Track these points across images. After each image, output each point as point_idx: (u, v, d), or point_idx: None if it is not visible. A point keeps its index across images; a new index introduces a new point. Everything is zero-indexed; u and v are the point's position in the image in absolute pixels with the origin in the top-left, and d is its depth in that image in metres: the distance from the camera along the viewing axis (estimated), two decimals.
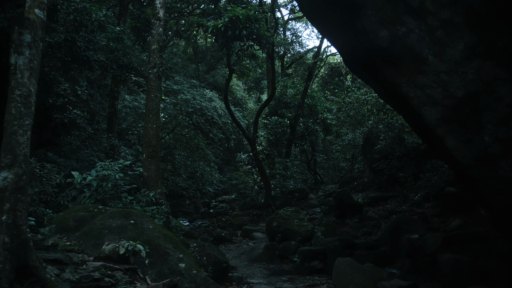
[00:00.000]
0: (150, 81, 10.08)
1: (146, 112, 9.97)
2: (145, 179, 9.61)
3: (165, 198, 9.76)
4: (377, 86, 9.74)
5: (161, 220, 8.59)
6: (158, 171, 9.73)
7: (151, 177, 9.58)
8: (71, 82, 16.63)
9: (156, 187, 9.58)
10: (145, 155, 9.67)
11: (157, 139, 9.78)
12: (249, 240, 11.29)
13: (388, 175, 15.01)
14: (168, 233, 7.03)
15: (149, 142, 9.72)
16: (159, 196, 9.56)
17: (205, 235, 10.92)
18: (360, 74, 10.08)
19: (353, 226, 10.89)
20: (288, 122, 16.74)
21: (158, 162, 9.76)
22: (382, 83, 9.43)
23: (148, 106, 9.96)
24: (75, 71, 16.31)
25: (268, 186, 13.63)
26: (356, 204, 11.56)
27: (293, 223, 9.82)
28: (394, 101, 9.55)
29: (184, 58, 31.91)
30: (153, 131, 9.76)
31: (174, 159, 21.07)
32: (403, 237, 9.35)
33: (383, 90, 9.49)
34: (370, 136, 16.47)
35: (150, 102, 9.95)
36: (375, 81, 9.52)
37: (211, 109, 18.60)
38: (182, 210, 19.28)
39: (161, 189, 9.62)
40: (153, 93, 9.97)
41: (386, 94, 9.54)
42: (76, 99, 16.30)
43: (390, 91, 9.25)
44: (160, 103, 10.14)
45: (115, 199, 8.73)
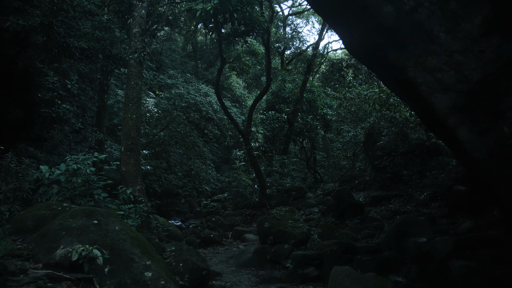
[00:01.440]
0: (131, 67, 9.05)
1: (125, 101, 8.94)
2: (123, 174, 8.57)
3: (146, 196, 8.72)
4: (381, 72, 8.66)
5: (136, 220, 7.54)
6: (138, 165, 8.69)
7: (130, 173, 8.54)
8: (61, 75, 15.66)
9: (135, 183, 8.54)
10: (123, 148, 8.63)
11: (137, 130, 8.74)
12: (240, 242, 10.23)
13: (391, 173, 13.91)
14: (138, 235, 5.98)
15: (128, 134, 8.68)
16: (138, 193, 8.51)
17: (192, 236, 9.87)
18: (363, 60, 9.00)
19: (353, 227, 9.81)
20: (285, 117, 15.66)
21: (138, 156, 8.72)
22: (386, 68, 8.35)
23: (128, 94, 8.93)
24: (65, 64, 15.40)
25: (263, 184, 12.57)
26: (357, 203, 10.48)
27: (286, 224, 8.75)
28: (400, 88, 8.46)
29: (183, 55, 30.94)
30: (133, 122, 8.73)
31: (169, 157, 20.10)
32: (409, 240, 8.31)
33: (388, 76, 8.41)
34: (372, 132, 15.37)
35: (130, 90, 8.92)
36: (379, 67, 8.45)
37: (206, 104, 17.58)
38: (175, 209, 18.29)
39: (141, 185, 8.57)
40: (133, 80, 8.94)
41: (392, 81, 8.46)
42: (66, 93, 15.33)
43: (395, 77, 8.17)
44: (141, 92, 9.11)
45: (87, 196, 7.70)
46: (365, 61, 8.85)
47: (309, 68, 16.88)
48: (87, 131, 13.44)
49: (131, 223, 7.20)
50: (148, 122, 19.02)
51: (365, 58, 8.74)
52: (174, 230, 10.13)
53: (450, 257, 7.63)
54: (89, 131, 13.44)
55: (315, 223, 10.16)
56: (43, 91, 13.91)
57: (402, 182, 13.47)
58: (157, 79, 19.05)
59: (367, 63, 8.91)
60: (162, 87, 19.25)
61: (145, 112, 18.68)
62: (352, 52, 8.83)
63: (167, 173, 19.35)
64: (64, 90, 15.09)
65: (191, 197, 20.49)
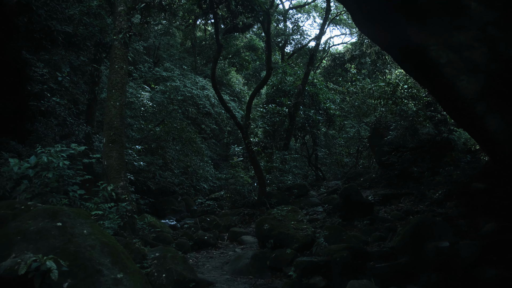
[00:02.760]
0: (115, 49, 7.95)
1: (108, 87, 7.85)
2: (105, 169, 7.47)
3: (130, 193, 7.61)
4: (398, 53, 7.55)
5: (115, 221, 6.43)
6: (122, 159, 7.59)
7: (112, 167, 7.45)
8: (52, 68, 14.55)
9: (118, 179, 7.44)
10: (105, 140, 7.54)
11: (120, 119, 7.64)
12: (237, 245, 9.14)
13: (399, 169, 12.81)
14: (111, 241, 4.88)
15: (111, 123, 7.58)
16: (121, 190, 7.42)
17: (183, 238, 8.77)
18: (377, 39, 7.90)
19: (362, 229, 8.71)
20: (286, 111, 14.54)
21: (121, 148, 7.62)
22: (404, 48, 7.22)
23: (111, 79, 7.83)
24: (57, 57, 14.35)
25: (263, 181, 11.46)
26: (366, 202, 9.39)
27: (289, 226, 7.65)
28: (420, 71, 7.34)
29: (181, 50, 29.82)
30: (116, 110, 7.62)
31: (165, 153, 18.99)
32: (428, 245, 7.21)
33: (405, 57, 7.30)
34: (378, 127, 14.25)
35: (114, 74, 7.81)
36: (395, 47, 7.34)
37: (203, 97, 16.46)
38: (171, 207, 17.22)
39: (124, 181, 7.47)
40: (117, 64, 7.84)
41: (409, 63, 7.35)
42: (57, 86, 14.23)
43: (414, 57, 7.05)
44: (126, 76, 8.00)
45: (60, 193, 6.60)
46: (379, 40, 7.74)
47: (312, 59, 15.77)
48: (74, 124, 12.34)
49: (108, 225, 6.10)
50: (142, 116, 17.94)
51: (379, 37, 7.63)
52: (164, 232, 9.03)
53: (477, 264, 6.56)
54: (75, 124, 12.34)
55: (320, 224, 9.05)
56: (32, 84, 12.91)
57: (412, 180, 12.37)
58: (152, 72, 17.93)
59: (381, 43, 7.80)
60: (158, 80, 18.14)
61: (140, 106, 17.61)
62: (364, 29, 7.73)
63: (162, 170, 18.24)
64: (55, 83, 14.02)
65: (188, 195, 19.42)
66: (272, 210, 8.33)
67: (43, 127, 12.35)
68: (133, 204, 7.52)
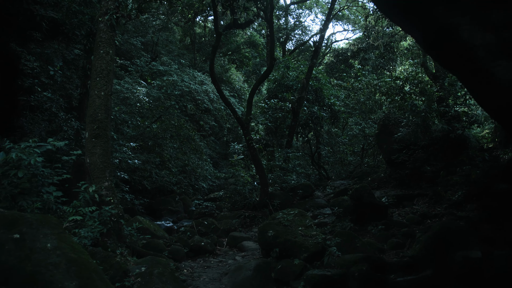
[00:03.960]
0: (100, 32, 6.94)
1: (92, 75, 6.84)
2: (87, 167, 6.46)
3: (115, 195, 6.60)
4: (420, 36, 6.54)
5: (95, 229, 5.42)
6: (107, 156, 6.59)
7: (96, 165, 6.45)
8: (43, 61, 13.55)
9: (103, 178, 6.44)
10: (88, 134, 6.54)
11: (106, 111, 6.63)
12: (237, 252, 8.13)
13: (410, 169, 11.80)
14: (82, 256, 3.87)
15: (94, 115, 6.58)
16: (105, 191, 6.42)
17: (178, 245, 7.76)
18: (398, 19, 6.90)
19: (377, 235, 7.73)
20: (290, 106, 13.53)
21: (106, 144, 6.62)
22: (429, 29, 6.21)
23: (96, 66, 6.82)
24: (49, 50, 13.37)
25: (265, 181, 10.47)
26: (379, 204, 8.40)
27: (296, 232, 6.65)
28: (447, 55, 6.33)
29: (180, 46, 28.79)
30: (101, 101, 6.62)
31: (163, 151, 17.98)
32: (456, 254, 6.22)
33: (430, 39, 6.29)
34: (387, 123, 13.26)
35: (99, 60, 6.80)
36: (420, 28, 6.34)
37: (201, 92, 15.45)
38: (167, 208, 16.24)
39: (109, 181, 6.47)
40: (102, 49, 6.83)
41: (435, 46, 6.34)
42: (49, 80, 13.23)
43: (441, 39, 6.04)
44: (113, 63, 7.00)
45: (32, 196, 5.60)
46: (401, 21, 6.74)
47: (316, 52, 14.75)
48: (62, 119, 11.33)
49: (85, 233, 5.08)
50: (138, 112, 16.92)
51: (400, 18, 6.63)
52: (156, 238, 8.03)
53: None
54: (63, 119, 11.32)
55: (330, 229, 8.06)
56: (23, 78, 11.99)
57: (424, 179, 11.38)
58: (149, 66, 16.91)
59: (402, 22, 6.80)
60: (154, 75, 17.12)
61: (135, 102, 16.59)
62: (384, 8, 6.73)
63: (159, 169, 17.24)
64: (47, 77, 13.04)
65: (187, 195, 18.44)
66: (277, 214, 7.32)
67: (29, 122, 11.39)
68: (119, 208, 6.51)
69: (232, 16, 27.23)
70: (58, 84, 13.57)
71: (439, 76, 13.02)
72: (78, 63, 16.68)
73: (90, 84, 6.85)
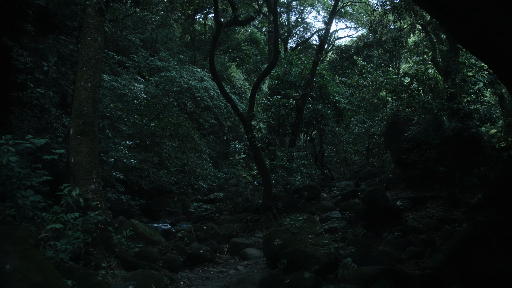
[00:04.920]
0: (87, 17, 6.16)
1: (78, 65, 6.06)
2: (71, 167, 5.68)
3: (103, 199, 5.82)
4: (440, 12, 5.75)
5: (76, 240, 4.64)
6: (94, 155, 5.80)
7: (81, 165, 5.66)
8: (38, 57, 12.77)
9: (89, 180, 5.66)
10: (72, 130, 5.75)
11: (93, 105, 5.85)
12: (239, 260, 7.35)
13: (422, 169, 11.02)
14: (50, 279, 3.09)
15: (80, 109, 5.79)
16: (92, 195, 5.64)
17: (174, 253, 6.97)
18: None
19: (393, 242, 6.96)
20: (294, 103, 12.74)
21: (93, 141, 5.84)
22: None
23: (82, 54, 6.04)
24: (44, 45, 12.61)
25: (268, 182, 9.68)
26: (394, 208, 7.63)
27: (306, 241, 5.86)
28: (476, 33, 5.54)
29: (180, 43, 27.98)
30: (87, 93, 5.84)
31: (161, 150, 17.21)
32: (486, 266, 5.45)
33: (457, 15, 5.50)
34: (396, 121, 12.47)
35: (86, 48, 6.02)
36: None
37: (201, 89, 14.65)
38: (166, 209, 15.46)
39: (97, 184, 5.69)
40: (90, 35, 6.04)
41: (459, 23, 5.55)
42: (43, 76, 12.45)
43: (469, 12, 5.27)
44: (101, 52, 6.21)
45: (5, 200, 4.82)
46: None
47: (321, 47, 13.96)
48: (51, 115, 10.54)
49: (62, 246, 4.30)
50: (136, 110, 16.13)
51: None
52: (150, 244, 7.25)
53: None
54: (53, 116, 10.54)
55: (341, 235, 7.28)
56: (16, 74, 11.25)
57: (437, 181, 10.61)
58: (147, 62, 16.11)
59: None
60: (152, 71, 16.33)
61: (133, 99, 15.80)
62: None
63: (157, 168, 16.46)
64: (41, 73, 12.27)
65: (186, 195, 17.68)
66: (284, 220, 6.54)
67: (17, 119, 10.60)
68: (107, 213, 5.73)
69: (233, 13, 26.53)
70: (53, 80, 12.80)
71: (451, 72, 12.25)
72: (73, 58, 15.84)
73: (76, 74, 6.06)
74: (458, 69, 12.04)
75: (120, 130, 14.36)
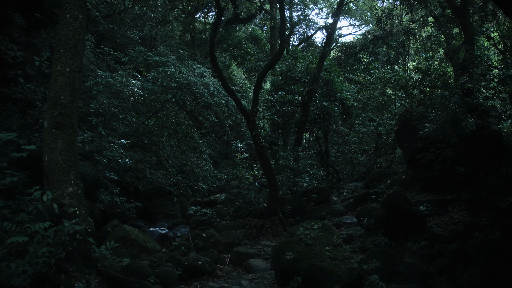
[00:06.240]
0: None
1: (55, 47, 5.10)
2: (45, 167, 4.72)
3: (83, 205, 4.84)
4: None
5: (39, 259, 3.67)
6: (72, 153, 4.84)
7: (56, 164, 4.71)
8: (29, 51, 11.83)
9: (66, 182, 4.70)
10: (47, 123, 4.78)
11: (71, 93, 4.90)
12: (242, 273, 6.37)
13: (439, 169, 10.05)
14: None
15: (56, 98, 4.83)
16: (69, 199, 4.68)
17: (168, 265, 5.99)
18: None
19: (419, 253, 5.99)
20: (300, 99, 11.78)
21: (72, 136, 4.88)
22: None
23: (60, 34, 5.08)
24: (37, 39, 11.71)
25: (274, 183, 8.71)
26: (417, 213, 6.68)
27: (323, 254, 4.89)
28: None
29: (179, 42, 27.06)
30: (65, 79, 4.89)
31: (159, 150, 16.25)
32: None
33: None
34: (409, 119, 11.51)
35: (64, 27, 5.06)
36: None
37: (201, 85, 13.69)
38: (163, 211, 14.50)
39: (74, 187, 4.73)
40: (69, 12, 5.09)
41: None
42: (35, 72, 11.50)
43: None
44: (83, 32, 5.24)
45: None
46: None
47: (329, 40, 13.00)
48: (37, 111, 9.59)
49: (19, 269, 3.32)
50: (133, 107, 15.17)
51: None
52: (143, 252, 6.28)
53: None
54: (38, 111, 9.59)
55: (360, 244, 6.31)
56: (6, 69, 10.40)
57: (457, 182, 9.64)
58: (144, 56, 15.16)
59: None
60: (150, 66, 15.38)
61: (129, 96, 14.84)
62: None
63: (155, 169, 15.49)
64: (33, 69, 11.35)
65: (185, 196, 16.73)
66: (296, 229, 5.57)
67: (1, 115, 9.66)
68: (87, 221, 4.76)
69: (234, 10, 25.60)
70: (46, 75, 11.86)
71: (468, 65, 11.31)
72: None
73: (53, 58, 5.10)
74: (475, 63, 11.11)
75: (115, 128, 13.41)
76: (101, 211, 11.79)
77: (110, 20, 19.92)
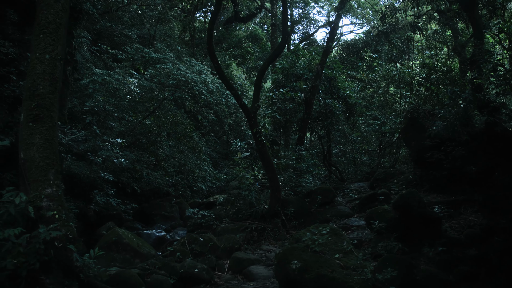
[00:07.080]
0: None
1: (34, 31, 4.56)
2: (21, 165, 4.16)
3: (64, 208, 4.29)
4: None
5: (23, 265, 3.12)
6: (51, 149, 4.29)
7: (33, 162, 4.16)
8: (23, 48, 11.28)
9: (43, 182, 4.16)
10: (23, 117, 4.23)
11: (51, 83, 4.35)
12: (243, 281, 5.81)
13: (449, 169, 9.49)
14: None
15: (33, 88, 4.29)
16: (47, 202, 4.13)
17: (161, 274, 5.43)
18: None
19: (436, 259, 5.42)
20: (302, 96, 11.22)
21: (51, 131, 4.33)
22: None
23: (40, 18, 4.54)
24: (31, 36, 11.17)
25: (276, 184, 8.16)
26: (431, 216, 6.13)
27: (333, 263, 4.34)
28: None
29: (179, 41, 26.54)
30: (44, 67, 4.35)
31: (157, 150, 15.72)
32: None
33: None
34: (416, 116, 10.96)
35: (44, 10, 4.53)
36: None
37: (199, 83, 13.13)
38: (161, 213, 13.95)
39: (54, 187, 4.18)
40: None
41: None
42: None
43: None
44: (66, 16, 4.69)
45: None
46: None
47: (332, 34, 12.47)
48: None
49: None
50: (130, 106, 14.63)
51: None
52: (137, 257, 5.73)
53: None
54: None
55: (371, 250, 5.75)
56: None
57: (468, 182, 9.07)
58: (141, 53, 14.61)
59: None
60: (147, 64, 14.83)
61: (125, 94, 14.31)
62: None
63: (152, 169, 14.95)
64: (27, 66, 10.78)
65: (184, 197, 16.20)
66: (302, 235, 5.01)
67: None
68: (68, 227, 4.21)
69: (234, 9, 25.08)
70: None
71: (477, 60, 10.78)
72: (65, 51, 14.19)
73: (32, 44, 4.55)
74: (484, 58, 10.58)
75: (110, 127, 12.87)
76: (96, 213, 11.24)
77: (108, 18, 19.38)
